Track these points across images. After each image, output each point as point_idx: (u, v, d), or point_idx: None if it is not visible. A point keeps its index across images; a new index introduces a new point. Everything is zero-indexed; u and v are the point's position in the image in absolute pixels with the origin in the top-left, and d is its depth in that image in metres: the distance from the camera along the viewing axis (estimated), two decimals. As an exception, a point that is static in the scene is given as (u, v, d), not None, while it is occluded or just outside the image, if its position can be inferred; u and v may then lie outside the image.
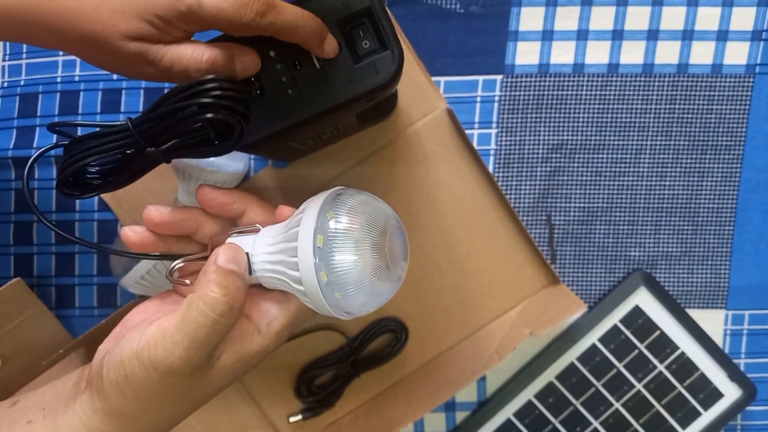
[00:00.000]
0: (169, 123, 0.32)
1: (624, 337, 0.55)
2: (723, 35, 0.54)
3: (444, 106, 0.52)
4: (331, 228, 0.33)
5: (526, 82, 0.54)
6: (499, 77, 0.54)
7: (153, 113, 0.33)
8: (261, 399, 0.55)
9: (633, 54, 0.54)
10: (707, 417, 0.55)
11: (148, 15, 0.32)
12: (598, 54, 0.54)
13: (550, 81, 0.54)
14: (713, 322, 0.56)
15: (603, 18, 0.54)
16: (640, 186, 0.55)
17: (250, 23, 0.32)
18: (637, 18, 0.54)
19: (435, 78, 0.54)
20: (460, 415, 0.57)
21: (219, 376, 0.33)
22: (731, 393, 0.55)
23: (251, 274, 0.35)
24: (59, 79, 0.55)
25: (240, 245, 0.35)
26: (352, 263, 0.33)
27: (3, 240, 0.56)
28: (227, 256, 0.33)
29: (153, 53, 0.33)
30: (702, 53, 0.54)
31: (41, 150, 0.35)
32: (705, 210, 0.55)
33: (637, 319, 0.55)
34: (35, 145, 0.54)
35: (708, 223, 0.56)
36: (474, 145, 0.53)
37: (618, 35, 0.54)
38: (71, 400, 0.33)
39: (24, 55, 0.55)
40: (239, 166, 0.51)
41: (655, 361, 0.55)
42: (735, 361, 0.55)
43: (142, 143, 0.33)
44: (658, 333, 0.55)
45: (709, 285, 0.56)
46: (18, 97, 0.55)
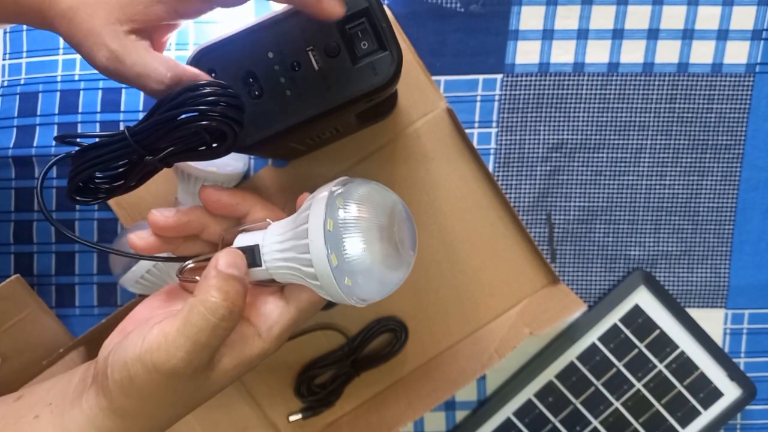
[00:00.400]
0: (164, 131, 0.33)
1: (624, 337, 0.55)
2: (723, 35, 0.53)
3: (444, 105, 0.52)
4: (341, 216, 0.33)
5: (526, 81, 0.54)
6: (499, 76, 0.54)
7: (148, 122, 0.33)
8: (261, 398, 0.55)
9: (633, 53, 0.54)
10: (707, 416, 0.55)
11: None
12: (598, 53, 0.54)
13: (550, 80, 0.54)
14: (713, 321, 0.56)
15: (603, 17, 0.54)
16: (640, 185, 0.55)
17: None
18: (638, 17, 0.54)
19: (435, 77, 0.54)
20: (460, 414, 0.57)
21: (219, 378, 0.34)
22: (731, 392, 0.55)
23: (262, 266, 0.35)
24: (59, 78, 0.55)
25: (250, 239, 0.36)
26: (361, 250, 0.33)
27: (3, 239, 0.56)
28: (227, 260, 0.33)
29: (122, 43, 0.33)
30: (702, 53, 0.54)
31: (56, 158, 0.36)
32: (705, 209, 0.55)
33: (637, 319, 0.55)
34: (35, 144, 0.54)
35: (708, 223, 0.56)
36: (474, 145, 0.53)
37: (618, 34, 0.54)
38: (77, 396, 0.34)
39: (24, 54, 0.55)
40: (239, 165, 0.51)
41: (655, 361, 0.55)
42: (735, 361, 0.55)
43: (140, 151, 0.34)
44: (657, 332, 0.55)
45: (709, 284, 0.56)
46: (18, 96, 0.55)
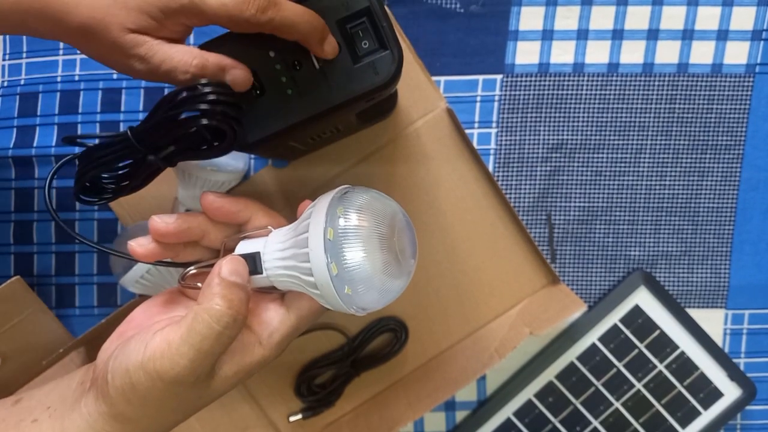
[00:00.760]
0: (166, 130, 0.33)
1: (624, 337, 0.55)
2: (723, 35, 0.53)
3: (444, 105, 0.52)
4: (341, 225, 0.33)
5: (526, 81, 0.54)
6: (499, 77, 0.54)
7: (149, 122, 0.33)
8: (261, 398, 0.55)
9: (633, 54, 0.54)
10: (707, 416, 0.55)
11: (149, 7, 0.32)
12: (598, 54, 0.54)
13: (550, 81, 0.54)
14: (713, 321, 0.56)
15: (603, 17, 0.54)
16: (640, 186, 0.55)
17: (250, 18, 0.32)
18: (637, 17, 0.54)
19: (435, 77, 0.54)
20: (460, 415, 0.57)
21: (220, 385, 0.34)
22: (731, 392, 0.55)
23: (263, 274, 0.35)
24: (59, 79, 0.55)
25: (251, 247, 0.36)
26: (361, 259, 0.33)
27: (3, 239, 0.56)
28: (230, 268, 0.33)
29: (147, 48, 0.33)
30: (702, 53, 0.54)
31: (64, 160, 0.36)
32: (705, 210, 0.55)
33: (637, 319, 0.55)
34: (35, 144, 0.54)
35: (708, 223, 0.56)
36: (474, 145, 0.53)
37: (618, 35, 0.54)
38: (77, 400, 0.34)
39: (24, 55, 0.55)
40: (239, 165, 0.51)
41: (655, 361, 0.55)
42: (735, 361, 0.55)
43: (143, 151, 0.34)
44: (657, 332, 0.55)
45: (709, 284, 0.56)
46: (18, 97, 0.55)
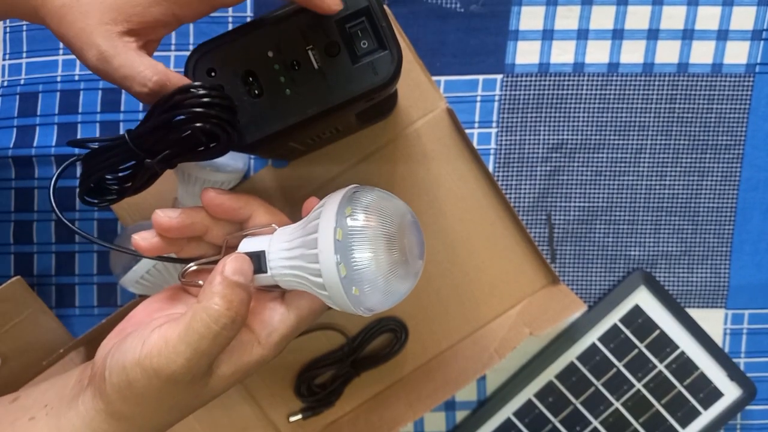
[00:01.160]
0: (162, 133, 0.33)
1: (624, 337, 0.55)
2: (723, 35, 0.53)
3: (444, 105, 0.52)
4: (350, 225, 0.33)
5: (526, 81, 0.54)
6: (499, 77, 0.54)
7: (145, 125, 0.33)
8: (261, 398, 0.55)
9: (633, 53, 0.54)
10: (707, 416, 0.55)
11: (132, 9, 0.32)
12: (598, 53, 0.54)
13: (550, 80, 0.54)
14: (713, 321, 0.56)
15: (603, 17, 0.54)
16: (640, 186, 0.55)
17: None
18: (638, 17, 0.54)
19: (435, 77, 0.54)
20: (460, 415, 0.57)
21: (217, 384, 0.34)
22: (731, 392, 0.55)
23: (267, 272, 0.35)
24: (59, 79, 0.55)
25: (255, 245, 0.35)
26: (369, 260, 0.33)
27: (3, 239, 0.56)
28: (234, 267, 0.32)
29: (111, 45, 0.33)
30: (702, 53, 0.54)
31: (67, 162, 0.36)
32: (705, 209, 0.55)
33: (637, 319, 0.55)
34: (35, 144, 0.54)
35: (708, 223, 0.56)
36: (474, 145, 0.53)
37: (618, 35, 0.54)
38: (74, 398, 0.34)
39: (24, 54, 0.55)
40: (239, 165, 0.51)
41: (655, 361, 0.55)
42: (735, 361, 0.55)
43: (141, 155, 0.34)
44: (657, 332, 0.55)
45: (709, 284, 0.56)
46: (18, 96, 0.55)
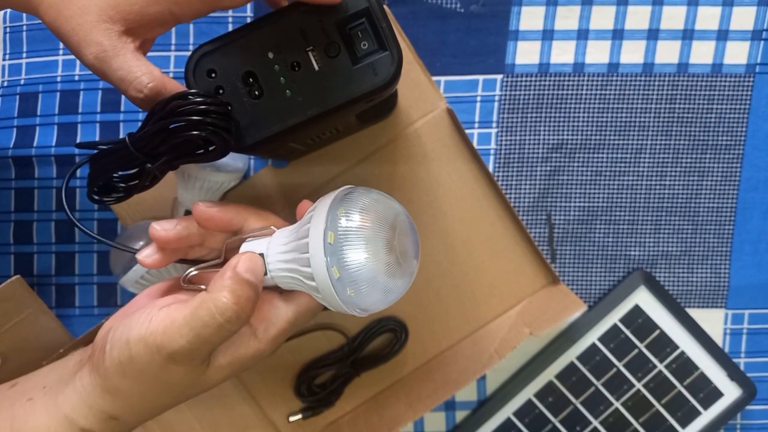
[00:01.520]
0: (161, 138, 0.33)
1: (624, 337, 0.55)
2: (723, 35, 0.53)
3: (444, 105, 0.52)
4: (342, 225, 0.33)
5: (526, 81, 0.54)
6: (499, 77, 0.54)
7: (144, 129, 0.34)
8: (261, 398, 0.55)
9: (633, 54, 0.54)
10: (707, 416, 0.55)
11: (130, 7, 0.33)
12: (598, 54, 0.54)
13: (550, 81, 0.54)
14: (713, 321, 0.56)
15: (603, 17, 0.54)
16: (640, 186, 0.55)
17: None
18: (638, 17, 0.54)
19: (435, 77, 0.54)
20: (460, 414, 0.57)
21: (213, 374, 0.34)
22: (731, 392, 0.55)
23: (266, 275, 0.35)
24: (59, 79, 0.55)
25: (254, 248, 0.36)
26: (363, 260, 0.33)
27: (3, 239, 0.56)
28: (246, 265, 0.33)
29: (110, 45, 0.33)
30: (702, 53, 0.54)
31: (78, 163, 0.37)
32: (705, 210, 0.55)
33: (637, 319, 0.55)
34: (35, 144, 0.54)
35: (708, 223, 0.56)
36: (474, 145, 0.53)
37: (618, 35, 0.54)
38: (72, 376, 0.34)
39: (24, 55, 0.55)
40: (239, 165, 0.51)
41: (655, 361, 0.55)
42: (735, 361, 0.55)
43: (142, 158, 0.34)
44: (657, 332, 0.55)
45: (709, 284, 0.56)
46: (18, 96, 0.55)
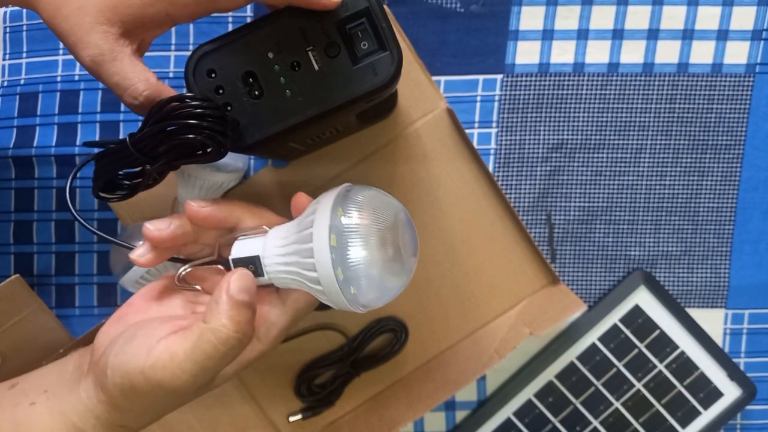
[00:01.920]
0: (157, 140, 0.34)
1: (624, 337, 0.55)
2: (723, 35, 0.53)
3: (444, 105, 0.52)
4: (344, 224, 0.33)
5: (526, 81, 0.54)
6: (499, 77, 0.54)
7: (143, 131, 0.34)
8: (261, 398, 0.55)
9: (633, 53, 0.54)
10: (707, 416, 0.55)
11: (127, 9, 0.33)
12: (598, 53, 0.54)
13: (550, 80, 0.54)
14: (713, 321, 0.56)
15: (603, 17, 0.54)
16: (640, 186, 0.55)
17: None
18: (638, 17, 0.53)
19: (435, 77, 0.54)
20: (460, 414, 0.57)
21: (218, 380, 0.35)
22: (731, 392, 0.55)
23: (264, 276, 0.35)
24: (59, 79, 0.55)
25: (248, 248, 0.36)
26: (364, 257, 0.33)
27: (3, 239, 0.56)
28: (239, 285, 0.32)
29: (108, 49, 0.33)
30: (702, 53, 0.54)
31: (82, 162, 0.37)
32: (705, 210, 0.55)
33: (637, 319, 0.55)
34: (35, 144, 0.54)
35: (708, 223, 0.56)
36: (474, 145, 0.53)
37: (618, 35, 0.54)
38: (74, 383, 0.34)
39: (24, 54, 0.55)
40: (238, 165, 0.51)
41: (655, 361, 0.55)
42: (735, 361, 0.55)
43: (142, 159, 0.34)
44: (657, 332, 0.55)
45: (709, 284, 0.56)
46: (18, 96, 0.55)
